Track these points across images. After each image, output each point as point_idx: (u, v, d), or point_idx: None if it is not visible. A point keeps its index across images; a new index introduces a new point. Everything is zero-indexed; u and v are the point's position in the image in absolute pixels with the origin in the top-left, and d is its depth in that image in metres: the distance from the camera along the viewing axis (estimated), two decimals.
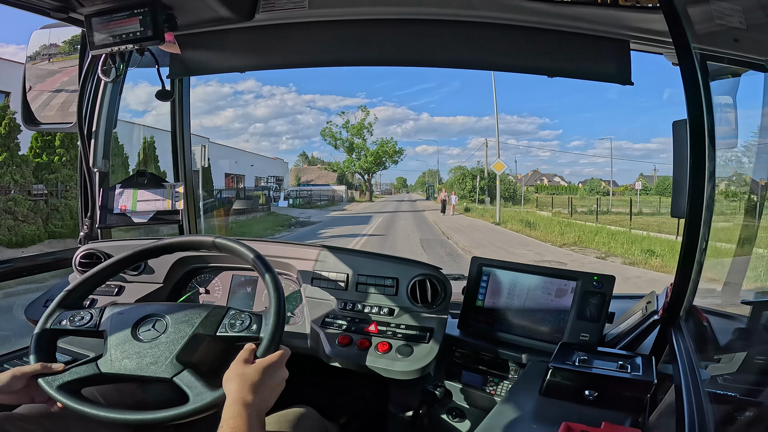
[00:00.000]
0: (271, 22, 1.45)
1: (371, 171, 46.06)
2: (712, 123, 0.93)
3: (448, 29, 1.40)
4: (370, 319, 1.28)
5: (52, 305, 1.03)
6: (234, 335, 0.94)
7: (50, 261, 1.62)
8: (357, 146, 44.72)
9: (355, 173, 48.22)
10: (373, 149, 44.43)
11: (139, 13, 1.25)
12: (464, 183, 38.67)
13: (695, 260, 0.95)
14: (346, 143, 44.94)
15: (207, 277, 1.52)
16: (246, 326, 0.94)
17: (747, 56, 1.11)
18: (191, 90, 1.93)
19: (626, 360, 0.96)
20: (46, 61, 1.63)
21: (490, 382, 1.25)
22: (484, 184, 36.68)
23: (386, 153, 44.45)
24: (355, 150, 44.86)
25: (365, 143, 44.85)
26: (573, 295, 1.19)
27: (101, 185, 1.70)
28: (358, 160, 44.70)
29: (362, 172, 46.07)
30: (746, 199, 1.41)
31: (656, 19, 1.16)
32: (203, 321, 0.96)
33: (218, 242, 1.07)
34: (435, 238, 14.51)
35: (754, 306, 1.10)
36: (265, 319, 0.94)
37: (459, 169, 42.92)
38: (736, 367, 0.95)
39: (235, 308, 1.00)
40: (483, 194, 36.87)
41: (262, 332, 0.92)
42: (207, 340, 0.95)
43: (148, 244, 1.11)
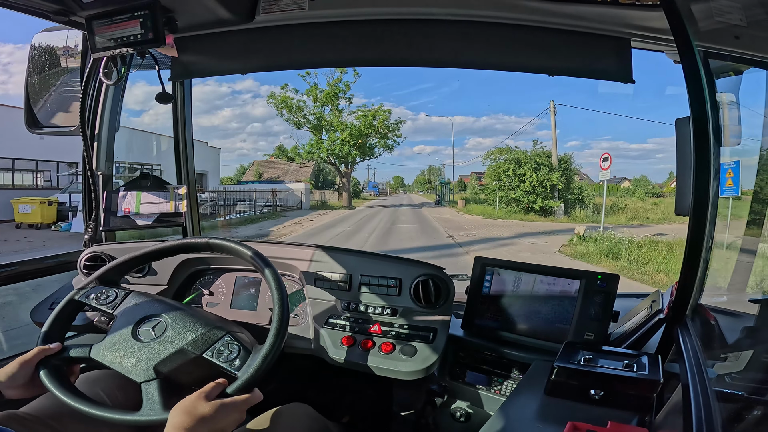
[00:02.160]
0: (271, 23, 1.45)
1: (350, 159, 27.27)
2: (716, 120, 0.92)
3: (449, 29, 1.39)
4: (373, 319, 1.27)
5: (92, 277, 1.08)
6: (215, 363, 0.92)
7: (55, 264, 1.62)
8: (328, 121, 26.52)
9: (323, 164, 29.69)
10: (355, 124, 26.63)
11: (139, 16, 1.26)
12: (514, 175, 20.28)
13: (701, 258, 0.94)
14: (311, 117, 26.58)
15: (211, 279, 1.52)
16: (230, 359, 0.92)
17: (748, 53, 1.11)
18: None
19: (632, 359, 0.95)
20: (48, 64, 1.64)
21: (494, 381, 1.25)
22: (556, 179, 19.53)
23: (374, 128, 26.68)
24: (325, 127, 26.66)
25: (340, 116, 26.55)
26: (577, 294, 1.18)
27: (105, 188, 1.71)
28: (330, 142, 26.29)
29: (335, 160, 27.27)
30: (751, 196, 1.40)
31: (657, 17, 1.16)
32: (195, 338, 0.95)
33: (212, 242, 1.07)
34: None
35: (761, 304, 1.10)
36: (253, 355, 0.92)
37: (504, 152, 21.71)
38: (743, 366, 0.95)
39: (235, 334, 0.97)
40: (552, 195, 19.73)
41: (241, 372, 0.89)
42: (191, 358, 0.93)
43: (143, 248, 1.13)
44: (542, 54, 1.38)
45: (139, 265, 1.18)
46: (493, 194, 21.70)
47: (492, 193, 21.93)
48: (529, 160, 20.39)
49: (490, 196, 22.30)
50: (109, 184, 1.73)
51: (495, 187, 21.50)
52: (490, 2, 1.28)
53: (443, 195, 30.22)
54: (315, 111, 26.47)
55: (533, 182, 19.83)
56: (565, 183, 19.87)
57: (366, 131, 26.59)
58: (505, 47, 1.40)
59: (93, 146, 1.67)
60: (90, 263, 1.48)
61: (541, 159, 20.32)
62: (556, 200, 19.69)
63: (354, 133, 26.19)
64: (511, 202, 20.63)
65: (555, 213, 19.38)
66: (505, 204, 20.89)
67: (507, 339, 1.24)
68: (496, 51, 1.42)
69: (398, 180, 54.61)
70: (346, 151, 26.37)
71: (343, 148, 26.12)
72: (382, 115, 26.96)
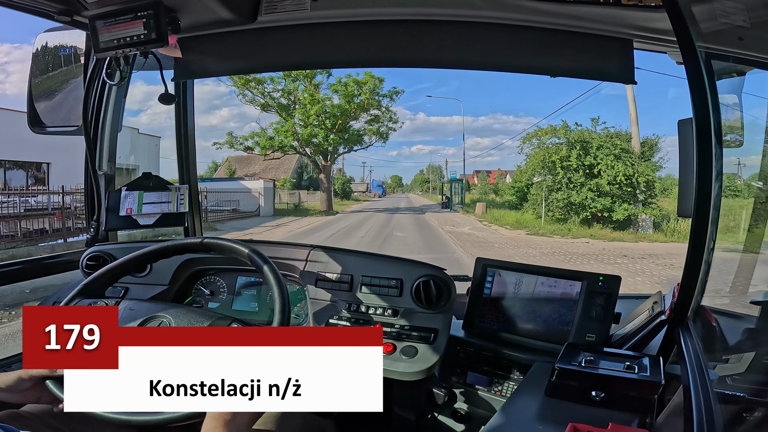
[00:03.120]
0: (274, 24, 1.45)
1: (326, 147, 19.61)
2: (718, 121, 0.92)
3: (451, 30, 1.39)
4: (374, 320, 1.27)
5: (73, 293, 1.05)
6: None
7: (57, 263, 1.63)
8: (303, 100, 18.92)
9: (298, 154, 20.97)
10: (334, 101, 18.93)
11: (142, 16, 1.26)
12: (580, 167, 12.88)
13: (703, 260, 0.94)
14: (276, 95, 18.99)
15: (212, 279, 1.52)
16: None
17: (752, 54, 1.11)
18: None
19: (633, 360, 0.95)
20: (51, 64, 1.65)
21: (495, 382, 1.24)
22: (649, 172, 12.85)
23: (359, 106, 19.07)
24: (298, 105, 19.09)
25: (317, 92, 18.97)
26: (579, 295, 1.18)
27: (107, 188, 1.71)
28: (294, 124, 18.83)
29: (309, 150, 19.77)
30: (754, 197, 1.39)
31: (660, 18, 1.15)
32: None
33: (207, 242, 1.07)
34: None
35: (763, 306, 1.09)
36: None
37: (559, 131, 13.90)
38: (745, 368, 0.95)
39: (241, 321, 0.97)
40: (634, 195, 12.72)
41: None
42: None
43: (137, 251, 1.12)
44: (544, 55, 1.38)
45: (127, 272, 1.16)
46: (537, 196, 14.39)
47: (535, 195, 14.57)
48: (606, 143, 12.95)
49: (534, 197, 14.65)
50: (111, 183, 1.74)
51: (544, 185, 13.92)
52: (493, 3, 1.28)
53: (453, 195, 22.15)
54: (286, 87, 18.90)
55: (615, 177, 12.51)
56: (650, 181, 12.74)
57: (349, 109, 18.88)
58: (507, 48, 1.40)
59: (96, 146, 1.67)
60: (92, 263, 1.48)
61: (621, 143, 13.00)
62: (640, 205, 12.76)
63: (331, 111, 18.65)
64: (567, 208, 13.22)
65: (639, 225, 12.51)
66: (561, 209, 13.38)
67: (508, 340, 1.24)
68: (498, 52, 1.42)
69: (396, 179, 52.71)
70: (321, 136, 18.69)
71: (314, 130, 18.48)
72: (370, 83, 18.74)
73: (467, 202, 21.57)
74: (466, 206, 20.83)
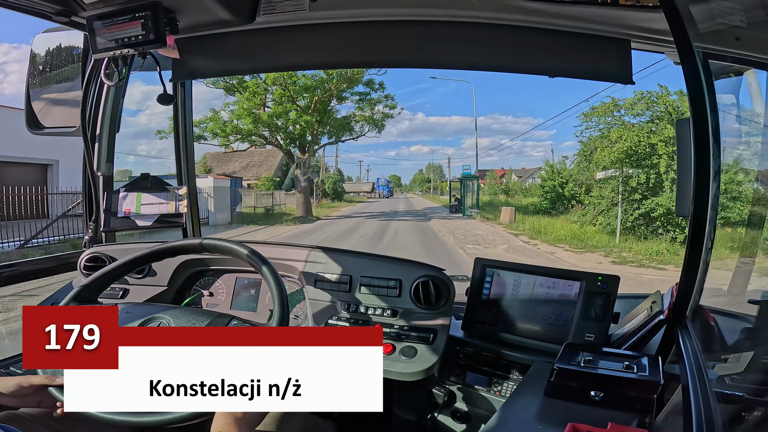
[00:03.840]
0: (272, 24, 1.45)
1: (300, 134, 15.23)
2: (716, 121, 0.92)
3: (449, 30, 1.40)
4: (374, 320, 1.27)
5: (66, 299, 1.03)
6: None
7: (55, 264, 1.62)
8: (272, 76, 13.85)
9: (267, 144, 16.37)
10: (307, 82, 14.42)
11: (140, 17, 1.26)
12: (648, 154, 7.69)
13: (701, 259, 0.94)
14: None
15: (210, 280, 1.52)
16: None
17: (749, 54, 1.11)
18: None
19: (632, 360, 0.95)
20: (49, 65, 1.64)
21: (494, 383, 1.24)
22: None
23: (345, 80, 14.83)
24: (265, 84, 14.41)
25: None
26: (577, 295, 1.18)
27: (105, 189, 1.71)
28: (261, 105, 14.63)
29: (280, 138, 15.50)
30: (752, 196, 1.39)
31: (657, 18, 1.16)
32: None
33: (205, 243, 1.06)
34: None
35: (761, 305, 1.10)
36: None
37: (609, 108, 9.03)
38: (743, 367, 0.95)
39: (241, 319, 0.97)
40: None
41: None
42: None
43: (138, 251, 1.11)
44: (543, 55, 1.38)
45: (124, 274, 1.15)
46: (602, 200, 10.41)
47: (598, 199, 10.60)
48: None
49: (597, 201, 10.64)
50: (109, 184, 1.73)
51: (617, 182, 9.70)
52: (491, 4, 1.28)
53: (466, 197, 17.88)
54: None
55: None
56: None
57: (331, 84, 14.44)
58: (506, 49, 1.40)
59: (94, 147, 1.67)
60: (90, 264, 1.48)
61: None
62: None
63: (307, 84, 14.05)
64: (641, 219, 9.24)
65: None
66: (635, 220, 9.30)
67: (507, 340, 1.25)
68: (497, 52, 1.42)
69: (395, 179, 51.52)
70: (290, 119, 14.33)
71: (277, 108, 14.05)
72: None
73: (481, 205, 17.74)
74: (483, 210, 16.67)
